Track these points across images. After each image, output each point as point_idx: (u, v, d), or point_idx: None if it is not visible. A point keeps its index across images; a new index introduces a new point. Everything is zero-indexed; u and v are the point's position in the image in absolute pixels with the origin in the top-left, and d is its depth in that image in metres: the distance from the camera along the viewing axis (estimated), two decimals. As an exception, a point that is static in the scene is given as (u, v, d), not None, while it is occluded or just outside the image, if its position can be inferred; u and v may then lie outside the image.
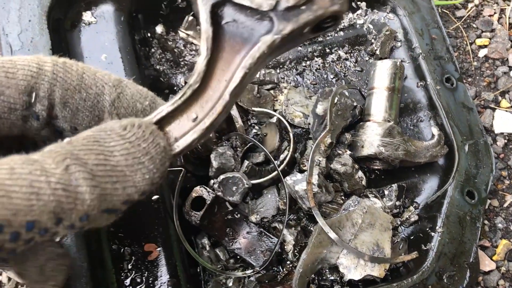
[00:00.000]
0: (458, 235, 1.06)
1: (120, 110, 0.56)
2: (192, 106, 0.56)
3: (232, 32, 0.54)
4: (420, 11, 1.23)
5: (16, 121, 0.54)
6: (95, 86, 0.55)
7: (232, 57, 0.54)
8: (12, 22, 0.97)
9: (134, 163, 0.47)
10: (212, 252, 1.05)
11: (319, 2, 0.49)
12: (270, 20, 0.52)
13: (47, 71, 0.53)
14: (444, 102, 1.15)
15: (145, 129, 0.50)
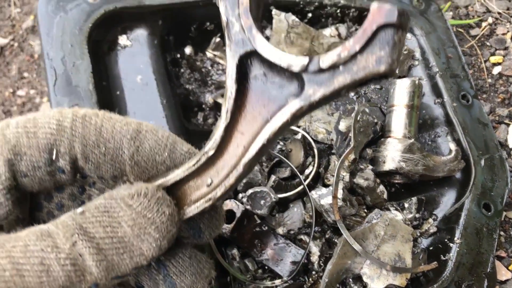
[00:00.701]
0: (476, 246, 1.08)
1: (140, 163, 0.55)
2: (207, 170, 0.53)
3: (258, 88, 0.49)
4: (436, 31, 1.26)
5: (43, 176, 0.55)
6: (113, 140, 0.54)
7: (254, 119, 0.50)
8: (56, 47, 1.01)
9: (140, 233, 0.48)
10: (241, 262, 1.06)
11: (361, 61, 0.41)
12: (301, 80, 0.46)
13: (66, 127, 0.53)
14: (460, 118, 1.18)
15: (151, 198, 0.50)
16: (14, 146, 0.52)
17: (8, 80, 1.40)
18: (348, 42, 0.41)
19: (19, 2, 1.49)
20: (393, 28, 0.40)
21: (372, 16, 0.40)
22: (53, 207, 0.61)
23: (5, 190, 0.52)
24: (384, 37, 0.40)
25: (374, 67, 0.41)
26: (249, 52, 0.47)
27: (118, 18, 1.09)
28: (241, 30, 0.47)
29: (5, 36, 1.45)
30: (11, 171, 0.52)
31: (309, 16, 1.26)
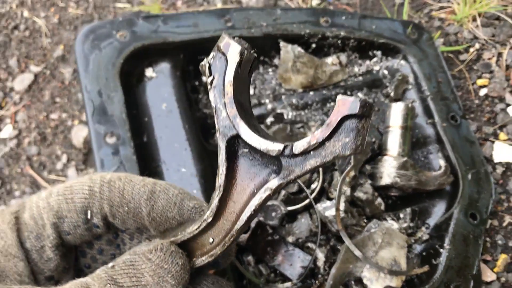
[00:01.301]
0: (463, 251, 1.12)
1: (156, 218, 0.62)
2: (208, 232, 0.58)
3: (246, 164, 0.54)
4: (428, 58, 1.31)
5: (83, 233, 0.63)
6: (133, 200, 0.61)
7: (243, 190, 0.54)
8: (92, 81, 1.09)
9: (160, 281, 0.53)
10: (256, 267, 1.12)
11: (329, 147, 0.46)
12: (279, 161, 0.51)
13: (96, 192, 0.61)
14: (449, 137, 1.23)
15: (166, 251, 0.55)
16: (57, 212, 0.60)
17: (42, 105, 1.47)
18: (317, 131, 0.46)
19: (49, 33, 1.56)
20: (356, 118, 0.44)
21: (337, 108, 0.44)
22: (95, 252, 0.70)
23: (54, 248, 0.61)
24: (349, 126, 0.45)
25: (340, 151, 0.46)
26: (235, 135, 0.52)
27: (145, 54, 1.16)
28: (227, 117, 0.51)
29: (38, 65, 1.52)
30: (57, 232, 0.61)
31: (313, 47, 1.30)
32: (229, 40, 0.50)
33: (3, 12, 1.60)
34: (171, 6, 1.55)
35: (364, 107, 0.43)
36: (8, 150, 1.42)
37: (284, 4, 1.54)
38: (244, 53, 0.50)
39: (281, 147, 0.48)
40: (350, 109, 0.44)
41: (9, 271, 0.59)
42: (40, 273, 0.62)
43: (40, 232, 0.60)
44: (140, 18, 1.16)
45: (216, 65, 0.51)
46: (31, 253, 0.60)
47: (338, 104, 0.44)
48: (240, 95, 0.52)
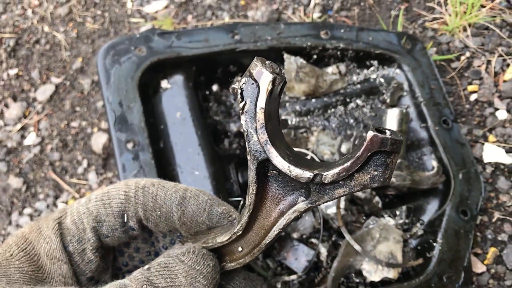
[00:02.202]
0: (455, 245, 1.17)
1: (186, 223, 0.63)
2: (238, 242, 0.59)
3: (275, 185, 0.54)
4: (421, 67, 1.37)
5: (120, 235, 0.65)
6: (165, 205, 0.63)
7: (273, 208, 0.54)
8: (114, 93, 1.16)
9: (192, 281, 0.55)
10: (264, 261, 1.17)
11: (358, 178, 0.46)
12: (308, 187, 0.51)
13: (131, 197, 0.63)
14: (442, 139, 1.28)
15: (198, 254, 0.57)
16: (96, 216, 0.63)
17: (63, 114, 1.55)
18: (347, 163, 0.46)
19: (68, 46, 1.65)
20: (386, 153, 0.44)
21: (368, 142, 0.44)
22: (132, 251, 0.72)
23: (94, 250, 0.63)
24: (378, 160, 0.45)
25: (368, 183, 0.46)
26: (265, 159, 0.51)
27: (161, 67, 1.23)
28: (258, 142, 0.50)
29: (58, 76, 1.61)
30: (96, 235, 0.63)
31: (314, 58, 1.37)
32: (262, 69, 0.48)
33: (25, 27, 1.69)
34: (182, 21, 1.65)
35: (394, 144, 0.44)
36: (32, 156, 1.52)
37: (287, 17, 1.63)
38: (276, 81, 0.49)
39: (311, 175, 0.49)
40: (381, 146, 0.44)
41: (54, 273, 0.61)
42: (82, 275, 0.64)
43: (82, 236, 0.62)
44: (156, 34, 1.24)
45: (248, 90, 0.49)
46: (73, 256, 0.63)
47: (370, 139, 0.44)
48: (271, 119, 0.51)
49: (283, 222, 0.53)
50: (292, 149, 0.56)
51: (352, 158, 0.46)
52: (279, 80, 0.50)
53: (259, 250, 0.57)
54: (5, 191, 1.47)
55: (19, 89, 1.62)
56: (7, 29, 1.69)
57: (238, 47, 1.28)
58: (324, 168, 0.49)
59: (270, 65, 0.49)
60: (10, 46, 1.66)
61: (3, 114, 1.59)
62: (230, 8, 1.65)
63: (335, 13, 1.62)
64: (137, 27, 1.66)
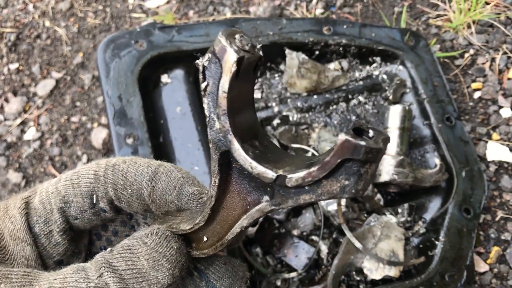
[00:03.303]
0: (457, 243, 1.16)
1: (156, 200, 0.59)
2: (202, 232, 0.55)
3: (240, 178, 0.49)
4: (424, 64, 1.36)
5: (90, 217, 0.61)
6: (136, 182, 0.58)
7: (238, 202, 0.50)
8: (113, 87, 1.15)
9: (155, 264, 0.52)
10: (264, 258, 1.17)
11: (326, 186, 0.40)
12: (271, 188, 0.45)
13: (100, 176, 0.58)
14: (445, 137, 1.27)
15: (161, 236, 0.54)
16: (63, 196, 0.59)
17: (63, 109, 1.55)
18: (313, 168, 0.40)
19: (69, 41, 1.65)
20: (359, 162, 0.37)
21: (339, 148, 0.37)
22: (110, 234, 0.68)
23: (61, 232, 0.60)
24: (350, 169, 0.38)
25: (338, 193, 0.39)
26: (227, 150, 0.46)
27: (161, 61, 1.23)
28: (220, 130, 0.45)
29: (59, 71, 1.60)
30: (64, 217, 0.59)
31: (316, 54, 1.36)
32: (226, 46, 0.41)
33: (26, 22, 1.69)
34: (184, 16, 1.64)
35: (370, 153, 0.37)
36: (32, 151, 1.51)
37: (289, 13, 1.62)
38: (242, 61, 0.42)
39: (273, 176, 0.43)
40: (353, 154, 0.37)
41: (17, 254, 0.58)
42: (49, 258, 0.61)
43: (49, 217, 0.59)
44: (156, 28, 1.23)
45: (211, 69, 0.43)
46: (40, 238, 0.60)
47: (340, 144, 0.37)
48: (239, 104, 0.46)
49: (245, 221, 0.49)
50: (269, 141, 0.50)
51: (320, 162, 0.39)
52: (249, 59, 0.42)
53: (222, 245, 0.53)
54: (4, 186, 1.46)
55: (19, 83, 1.61)
56: (8, 24, 1.69)
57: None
58: (292, 168, 0.43)
59: (239, 40, 0.42)
60: (11, 41, 1.66)
61: (3, 108, 1.59)
62: (232, 4, 1.65)
63: (338, 9, 1.61)
64: (138, 22, 1.65)
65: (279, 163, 0.45)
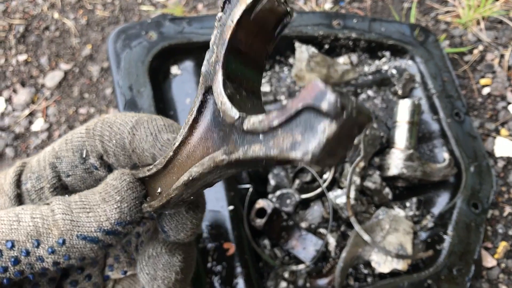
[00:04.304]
0: (465, 237, 1.17)
1: (135, 150, 0.55)
2: (159, 181, 0.52)
3: (211, 122, 0.43)
4: (433, 59, 1.36)
5: (82, 174, 0.58)
6: (119, 131, 0.55)
7: (196, 149, 0.45)
8: (124, 77, 1.15)
9: (105, 197, 0.50)
10: (272, 250, 1.17)
11: (279, 139, 0.33)
12: (233, 134, 0.39)
13: (90, 129, 0.56)
14: (453, 132, 1.27)
15: (118, 172, 0.53)
16: (56, 152, 0.57)
17: (72, 100, 1.55)
18: (273, 112, 0.34)
19: (78, 33, 1.65)
20: (325, 116, 0.29)
21: (304, 91, 0.30)
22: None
23: (52, 189, 0.58)
24: (309, 120, 0.31)
25: (287, 150, 0.32)
26: (209, 86, 0.42)
27: (171, 52, 1.22)
28: (214, 62, 0.42)
29: (68, 63, 1.60)
30: (55, 172, 0.57)
31: (326, 47, 1.36)
32: None
33: (35, 14, 1.69)
34: (193, 9, 1.64)
35: (334, 105, 0.28)
36: (39, 142, 1.51)
37: (299, 7, 1.62)
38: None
39: (236, 115, 0.38)
40: (315, 100, 0.30)
41: (1, 207, 0.56)
42: None
43: (41, 173, 0.57)
44: (167, 20, 1.23)
45: (232, 2, 0.41)
46: (31, 194, 0.58)
47: (306, 87, 0.30)
48: (244, 51, 0.42)
49: (195, 169, 0.43)
50: (258, 103, 0.45)
51: (281, 107, 0.32)
52: (272, 6, 0.39)
53: (166, 198, 0.48)
54: (12, 176, 1.46)
55: (27, 75, 1.61)
56: (17, 15, 1.69)
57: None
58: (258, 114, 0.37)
59: None
60: (19, 32, 1.65)
61: (12, 99, 1.58)
62: (241, -2, 1.64)
63: (347, 4, 1.61)
64: (147, 15, 1.65)
65: (249, 112, 0.39)
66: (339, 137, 0.30)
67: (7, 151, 1.50)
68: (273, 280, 1.13)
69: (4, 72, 1.61)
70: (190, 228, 0.55)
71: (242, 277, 1.04)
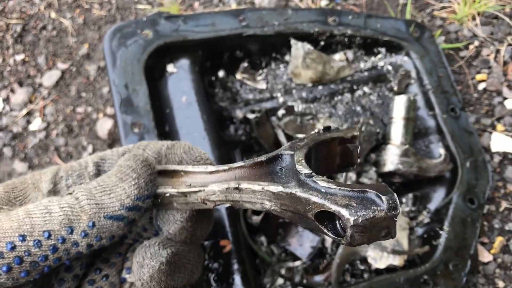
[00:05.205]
0: (461, 233, 1.17)
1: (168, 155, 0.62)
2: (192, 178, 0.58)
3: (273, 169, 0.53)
4: (429, 54, 1.36)
5: None
6: (160, 144, 0.63)
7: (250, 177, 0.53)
8: (120, 76, 1.15)
9: (122, 176, 0.53)
10: (268, 247, 1.17)
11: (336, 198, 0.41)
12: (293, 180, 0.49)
13: (137, 143, 0.64)
14: (449, 128, 1.28)
15: (132, 153, 0.56)
16: (102, 155, 0.62)
17: (69, 99, 1.55)
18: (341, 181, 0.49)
19: (75, 32, 1.65)
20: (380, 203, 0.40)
21: (375, 185, 0.42)
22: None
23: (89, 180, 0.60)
24: (368, 200, 0.41)
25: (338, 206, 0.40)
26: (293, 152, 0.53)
27: (167, 51, 1.23)
28: (300, 145, 0.53)
29: (65, 62, 1.60)
30: (97, 170, 0.60)
31: (321, 44, 1.36)
32: None
33: (32, 13, 1.69)
34: (189, 7, 1.64)
35: (393, 207, 0.40)
36: (37, 142, 1.52)
37: (294, 4, 1.62)
38: None
39: (308, 170, 0.47)
40: (381, 191, 0.41)
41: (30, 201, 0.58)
42: None
43: (83, 172, 0.60)
44: (163, 18, 1.23)
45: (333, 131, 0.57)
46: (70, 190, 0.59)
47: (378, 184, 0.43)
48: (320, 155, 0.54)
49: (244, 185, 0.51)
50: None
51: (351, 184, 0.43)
52: None
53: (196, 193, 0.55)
54: (10, 176, 1.47)
55: (25, 74, 1.61)
56: (14, 15, 1.69)
57: (245, 31, 1.28)
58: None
59: None
60: (17, 32, 1.66)
61: (9, 99, 1.59)
62: (237, -5, 1.65)
63: (343, 1, 1.61)
64: (143, 13, 1.66)
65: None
66: (379, 223, 0.39)
67: (5, 151, 1.50)
68: (269, 277, 1.14)
69: (1, 72, 1.62)
70: (179, 221, 0.59)
71: (239, 274, 1.04)
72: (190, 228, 0.60)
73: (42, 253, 0.48)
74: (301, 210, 0.43)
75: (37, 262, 0.48)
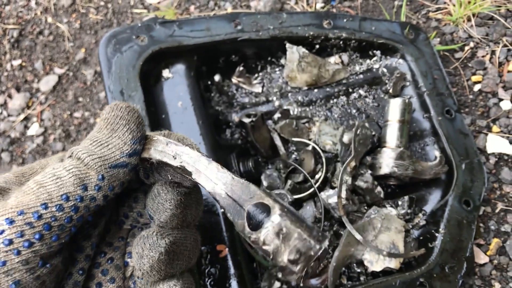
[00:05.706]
0: (457, 235, 1.17)
1: None
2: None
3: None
4: (424, 57, 1.36)
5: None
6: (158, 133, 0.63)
7: None
8: (115, 82, 1.15)
9: (113, 127, 0.55)
10: None
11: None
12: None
13: None
14: (445, 130, 1.27)
15: (112, 105, 0.57)
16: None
17: (66, 104, 1.56)
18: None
19: (72, 37, 1.65)
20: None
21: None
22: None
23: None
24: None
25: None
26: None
27: (162, 56, 1.22)
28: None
29: (62, 67, 1.61)
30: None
31: (316, 48, 1.36)
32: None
33: (29, 18, 1.70)
34: (185, 11, 1.65)
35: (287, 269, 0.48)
36: (35, 147, 1.52)
37: (290, 7, 1.62)
38: None
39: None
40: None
41: None
42: None
43: None
44: (157, 23, 1.24)
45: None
46: None
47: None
48: None
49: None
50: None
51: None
52: None
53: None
54: (8, 181, 1.47)
55: (22, 79, 1.62)
56: (10, 20, 1.70)
57: (240, 36, 1.28)
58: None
59: None
60: (13, 37, 1.67)
61: (7, 104, 1.59)
62: (233, -1, 1.65)
63: (338, 3, 1.61)
64: (140, 17, 1.66)
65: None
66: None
67: (2, 156, 1.51)
68: (266, 281, 1.14)
69: (-2, 78, 1.61)
70: (169, 209, 0.60)
71: (236, 279, 1.05)
72: (180, 214, 0.62)
73: (67, 215, 0.51)
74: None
75: (64, 225, 0.51)
